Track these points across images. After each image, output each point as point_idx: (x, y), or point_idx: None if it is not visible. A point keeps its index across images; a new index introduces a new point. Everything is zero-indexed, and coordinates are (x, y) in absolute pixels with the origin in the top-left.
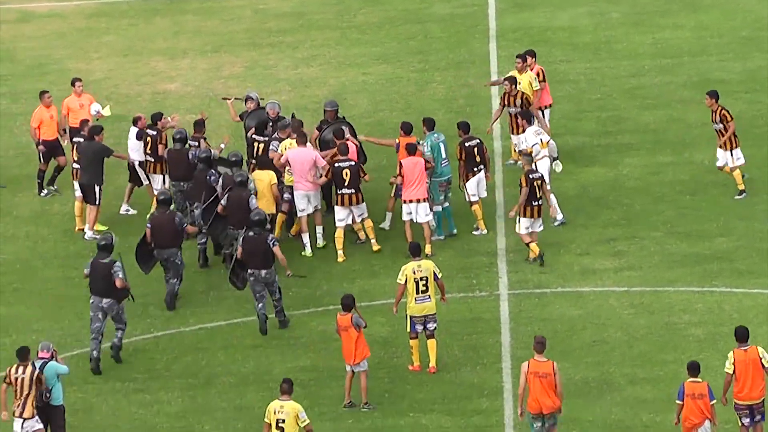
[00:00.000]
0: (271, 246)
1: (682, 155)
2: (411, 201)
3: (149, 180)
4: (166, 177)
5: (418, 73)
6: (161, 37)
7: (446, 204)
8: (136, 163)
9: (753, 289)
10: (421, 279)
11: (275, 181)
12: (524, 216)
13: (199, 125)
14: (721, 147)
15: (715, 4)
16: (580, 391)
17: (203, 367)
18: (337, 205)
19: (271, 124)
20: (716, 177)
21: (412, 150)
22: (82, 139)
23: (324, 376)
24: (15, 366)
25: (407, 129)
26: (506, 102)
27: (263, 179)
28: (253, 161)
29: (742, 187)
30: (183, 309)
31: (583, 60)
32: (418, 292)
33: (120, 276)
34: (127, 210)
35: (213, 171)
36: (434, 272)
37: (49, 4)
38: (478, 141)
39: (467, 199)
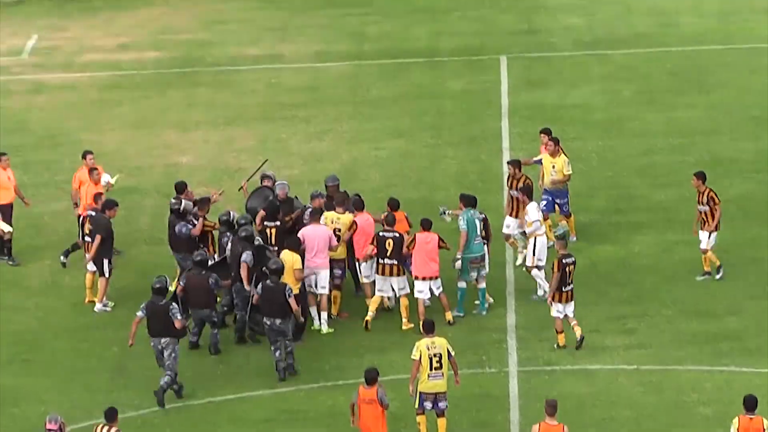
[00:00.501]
0: (287, 297)
1: (693, 234)
2: (424, 278)
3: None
4: None
5: (431, 148)
6: (174, 109)
7: (482, 285)
8: None
9: (762, 369)
10: (435, 355)
11: (299, 265)
12: (556, 301)
13: (204, 203)
14: (704, 230)
15: (727, 83)
16: None
17: None
18: (378, 274)
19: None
20: (726, 257)
21: (427, 226)
22: (94, 213)
23: None
24: (100, 426)
25: (393, 205)
26: (509, 185)
27: (287, 260)
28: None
29: (718, 263)
30: (191, 382)
31: (595, 138)
32: (431, 369)
33: (178, 317)
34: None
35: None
36: (448, 350)
37: (61, 75)
38: (485, 216)
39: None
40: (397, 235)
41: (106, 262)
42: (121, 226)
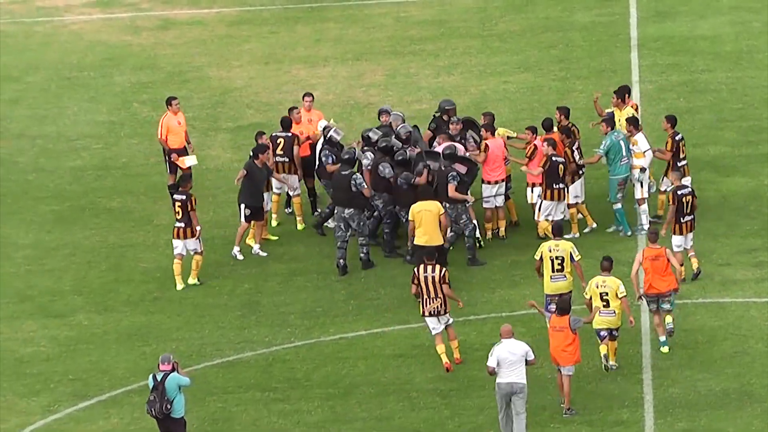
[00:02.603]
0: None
1: None
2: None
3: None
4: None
5: (560, 81)
6: (302, 45)
7: (618, 205)
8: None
9: None
10: (557, 258)
11: (442, 210)
12: (675, 233)
13: (185, 179)
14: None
15: None
16: (721, 403)
17: (343, 376)
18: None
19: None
20: None
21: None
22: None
23: (464, 386)
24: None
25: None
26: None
27: (431, 209)
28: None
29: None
30: (323, 318)
31: (725, 69)
32: (553, 271)
33: (364, 186)
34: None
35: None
36: (571, 253)
37: (190, 11)
38: (682, 136)
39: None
40: (562, 158)
41: (242, 207)
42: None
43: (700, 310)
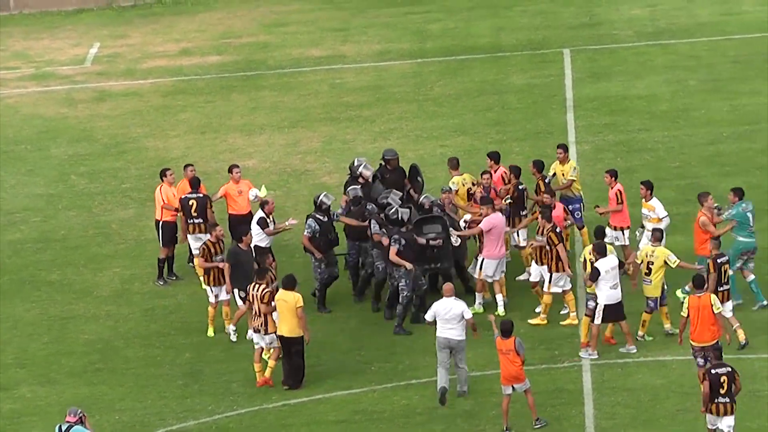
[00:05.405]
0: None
1: (761, 222)
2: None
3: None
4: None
5: (496, 144)
6: (238, 113)
7: (752, 276)
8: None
9: None
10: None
11: (301, 303)
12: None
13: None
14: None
15: None
16: None
17: None
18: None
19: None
20: None
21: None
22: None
23: None
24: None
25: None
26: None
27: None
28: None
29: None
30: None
31: (661, 128)
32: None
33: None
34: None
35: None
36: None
37: (125, 82)
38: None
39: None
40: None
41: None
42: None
43: (642, 369)
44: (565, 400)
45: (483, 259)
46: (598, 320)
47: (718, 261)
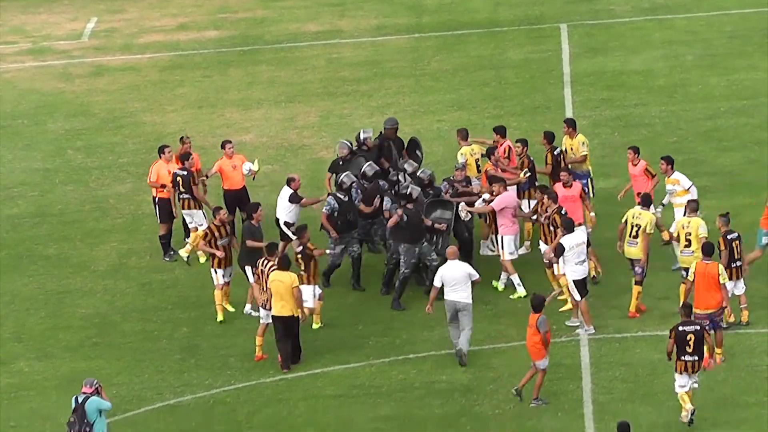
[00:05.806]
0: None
1: (760, 197)
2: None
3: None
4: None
5: (494, 119)
6: (235, 88)
7: None
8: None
9: None
10: (636, 225)
11: (296, 282)
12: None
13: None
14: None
15: None
16: None
17: (284, 418)
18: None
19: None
20: None
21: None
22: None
23: (405, 424)
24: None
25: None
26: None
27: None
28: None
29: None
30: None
31: (658, 103)
32: (629, 236)
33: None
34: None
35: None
36: (646, 225)
37: (122, 57)
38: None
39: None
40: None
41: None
42: None
43: (639, 344)
44: (563, 374)
45: (502, 237)
46: (577, 296)
47: (728, 237)
